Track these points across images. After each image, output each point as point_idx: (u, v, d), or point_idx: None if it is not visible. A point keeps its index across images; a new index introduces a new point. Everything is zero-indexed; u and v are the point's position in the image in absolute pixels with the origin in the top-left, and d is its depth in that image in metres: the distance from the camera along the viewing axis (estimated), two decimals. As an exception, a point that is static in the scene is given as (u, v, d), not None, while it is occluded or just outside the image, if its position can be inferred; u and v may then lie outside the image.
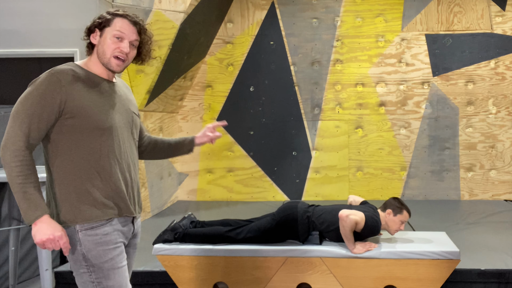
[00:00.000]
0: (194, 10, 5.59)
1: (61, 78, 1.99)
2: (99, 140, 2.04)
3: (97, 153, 2.05)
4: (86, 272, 2.06)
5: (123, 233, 2.15)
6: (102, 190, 2.06)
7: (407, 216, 3.54)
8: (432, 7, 6.59)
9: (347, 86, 6.70)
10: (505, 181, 6.55)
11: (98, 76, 2.12)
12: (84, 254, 2.04)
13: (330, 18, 6.71)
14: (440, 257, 3.31)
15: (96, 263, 2.04)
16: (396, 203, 3.56)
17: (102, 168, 2.06)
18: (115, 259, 2.07)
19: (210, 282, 3.48)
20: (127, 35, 2.10)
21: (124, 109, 2.18)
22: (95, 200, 2.04)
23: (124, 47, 2.09)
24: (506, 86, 6.52)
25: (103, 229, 2.06)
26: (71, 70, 2.04)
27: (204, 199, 6.79)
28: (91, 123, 2.02)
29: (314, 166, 6.71)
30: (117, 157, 2.10)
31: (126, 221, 2.17)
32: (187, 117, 6.80)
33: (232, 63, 6.77)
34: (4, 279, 4.25)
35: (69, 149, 2.03)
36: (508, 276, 3.68)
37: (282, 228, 3.48)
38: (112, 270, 2.06)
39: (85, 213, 2.03)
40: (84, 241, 2.03)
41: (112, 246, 2.07)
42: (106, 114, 2.06)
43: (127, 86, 2.36)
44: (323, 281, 3.41)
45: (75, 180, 2.03)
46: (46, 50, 4.89)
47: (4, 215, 4.22)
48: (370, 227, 3.41)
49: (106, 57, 2.08)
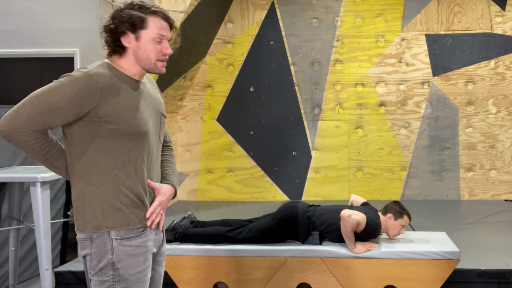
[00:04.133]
0: (194, 10, 5.59)
1: (99, 81, 1.88)
2: (128, 145, 1.94)
3: (125, 158, 1.95)
4: (109, 281, 1.95)
5: (154, 242, 2.09)
6: (131, 198, 1.97)
7: (407, 220, 3.54)
8: (432, 7, 6.59)
9: (347, 86, 6.70)
10: (505, 181, 6.55)
11: (132, 78, 2.00)
12: (114, 264, 1.94)
13: (330, 18, 6.71)
14: (440, 257, 3.31)
15: (124, 274, 1.95)
16: (397, 208, 3.56)
17: (129, 174, 1.96)
18: (143, 272, 2.00)
19: (210, 282, 3.48)
20: (166, 36, 2.00)
21: (154, 111, 2.06)
22: (128, 207, 1.96)
23: (166, 49, 2.00)
24: (506, 86, 6.52)
25: (138, 240, 1.98)
26: (109, 74, 1.93)
27: (204, 199, 6.79)
28: (125, 127, 1.92)
29: (314, 166, 6.71)
30: (145, 162, 2.00)
31: (156, 230, 2.11)
32: (187, 117, 6.80)
33: (232, 63, 6.77)
34: (4, 279, 4.25)
35: (97, 151, 1.92)
36: (508, 276, 3.68)
37: (282, 228, 3.48)
38: (137, 283, 1.98)
39: (122, 219, 1.95)
40: (118, 250, 1.94)
41: (143, 259, 2.00)
42: (140, 118, 1.96)
43: (154, 82, 2.21)
44: (323, 281, 3.41)
45: (106, 184, 1.94)
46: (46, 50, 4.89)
47: (4, 215, 4.22)
48: (370, 229, 3.41)
49: (151, 62, 1.98)
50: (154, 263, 2.16)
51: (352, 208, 3.56)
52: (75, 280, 3.86)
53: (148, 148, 2.01)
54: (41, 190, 3.64)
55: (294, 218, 3.47)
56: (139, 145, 1.96)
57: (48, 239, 3.69)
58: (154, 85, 2.20)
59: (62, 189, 4.72)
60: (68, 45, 4.85)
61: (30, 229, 4.39)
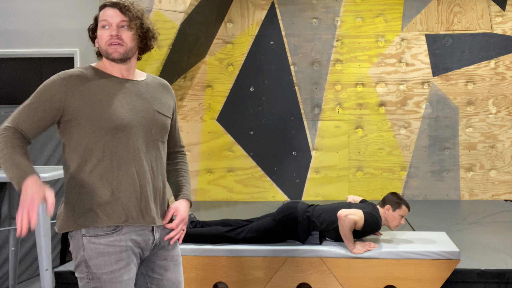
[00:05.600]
0: (194, 10, 5.59)
1: (65, 78, 1.98)
2: (102, 140, 1.96)
3: (99, 154, 1.96)
4: (85, 278, 1.97)
5: (137, 243, 2.01)
6: (105, 195, 1.96)
7: (406, 210, 3.54)
8: (432, 7, 6.59)
9: (347, 86, 6.70)
10: (505, 181, 6.55)
11: (110, 74, 2.04)
12: (86, 261, 1.95)
13: (330, 18, 6.71)
14: (440, 257, 3.31)
15: (96, 272, 1.94)
16: (395, 198, 3.56)
17: (104, 171, 1.96)
18: (116, 272, 1.95)
19: (210, 282, 3.48)
20: (111, 20, 2.00)
21: (142, 108, 2.05)
22: (99, 205, 1.96)
23: (111, 31, 2.00)
24: (506, 86, 6.52)
25: (108, 238, 1.95)
26: (81, 72, 2.01)
27: (204, 199, 6.79)
28: (93, 122, 1.95)
29: (314, 166, 6.71)
30: (123, 159, 1.98)
31: (141, 230, 2.02)
32: (187, 117, 6.80)
33: (232, 63, 6.77)
34: (4, 279, 4.25)
35: (74, 150, 1.98)
36: (508, 276, 3.68)
37: (282, 228, 3.48)
38: (110, 283, 1.94)
39: (88, 217, 1.96)
40: (87, 248, 1.95)
41: (115, 258, 1.95)
42: (112, 113, 1.96)
43: (165, 86, 2.23)
44: (323, 281, 3.41)
45: (80, 182, 1.97)
46: (46, 50, 4.90)
47: (4, 215, 4.22)
48: (370, 224, 3.41)
49: (103, 49, 2.03)
50: (157, 267, 2.11)
51: (350, 206, 3.56)
52: (75, 280, 3.86)
53: (129, 144, 1.99)
54: (41, 190, 3.63)
55: (294, 219, 3.47)
56: (114, 140, 1.97)
57: (48, 239, 3.69)
58: (163, 88, 2.21)
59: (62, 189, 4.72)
60: (68, 45, 4.86)
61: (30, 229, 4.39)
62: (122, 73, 2.07)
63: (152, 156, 2.07)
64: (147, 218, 2.02)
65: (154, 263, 2.12)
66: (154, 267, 2.12)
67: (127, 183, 1.98)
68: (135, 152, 2.01)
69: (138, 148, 2.01)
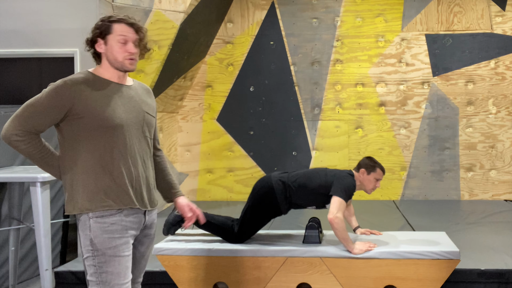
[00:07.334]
0: (194, 10, 5.59)
1: (71, 84, 2.23)
2: (104, 136, 2.25)
3: (101, 148, 2.25)
4: (90, 256, 2.25)
5: (132, 224, 2.33)
6: (107, 183, 2.27)
7: (381, 173, 3.55)
8: (432, 7, 6.59)
9: (347, 86, 6.70)
10: (505, 181, 6.55)
11: (108, 80, 2.34)
12: (91, 239, 2.23)
13: (330, 18, 6.72)
14: (440, 257, 3.31)
15: (101, 249, 2.23)
16: (369, 162, 3.57)
17: (106, 162, 2.26)
18: (119, 247, 2.25)
19: (210, 282, 3.48)
20: (130, 37, 2.32)
21: (134, 109, 2.37)
22: (104, 191, 2.26)
23: (131, 49, 2.32)
24: (506, 86, 6.53)
25: (112, 218, 2.26)
26: (83, 78, 2.29)
27: (204, 199, 6.80)
28: (96, 121, 2.24)
29: (314, 166, 6.70)
30: (121, 152, 2.29)
31: (136, 213, 2.34)
32: (187, 117, 6.80)
33: (232, 63, 6.77)
34: (4, 279, 4.25)
35: (78, 145, 2.25)
36: (508, 276, 3.68)
37: (261, 201, 3.50)
38: (114, 257, 2.24)
39: (98, 202, 2.25)
40: (94, 227, 2.24)
41: (117, 235, 2.26)
42: (111, 113, 2.27)
43: (148, 90, 2.56)
44: (323, 281, 3.41)
45: (85, 172, 2.25)
46: (46, 50, 4.89)
47: (4, 215, 4.22)
48: (349, 195, 3.43)
49: (118, 61, 2.32)
50: (136, 242, 2.41)
51: (326, 170, 3.55)
52: (75, 280, 3.86)
53: (126, 140, 2.31)
54: (41, 190, 3.65)
55: (270, 186, 3.49)
56: (114, 137, 2.27)
57: (48, 239, 3.69)
58: (147, 92, 2.55)
59: (62, 189, 4.72)
60: (68, 45, 4.85)
61: (30, 229, 4.39)
62: (119, 79, 2.38)
63: (143, 151, 2.40)
64: (142, 203, 2.36)
65: (136, 239, 2.43)
66: (133, 242, 2.42)
67: (125, 173, 2.30)
68: (131, 147, 2.33)
69: (133, 143, 2.34)
